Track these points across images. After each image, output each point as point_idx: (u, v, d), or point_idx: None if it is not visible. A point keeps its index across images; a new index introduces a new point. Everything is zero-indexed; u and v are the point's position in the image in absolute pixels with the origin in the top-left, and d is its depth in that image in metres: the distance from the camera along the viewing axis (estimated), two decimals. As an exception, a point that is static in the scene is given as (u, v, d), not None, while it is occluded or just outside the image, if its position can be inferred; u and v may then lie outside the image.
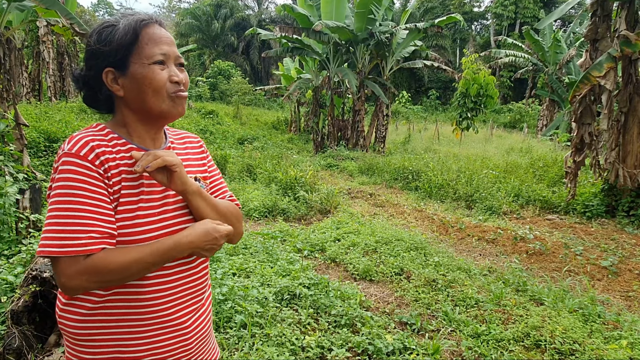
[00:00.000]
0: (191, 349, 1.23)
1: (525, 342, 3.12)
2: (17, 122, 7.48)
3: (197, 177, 1.25)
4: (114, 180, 1.07)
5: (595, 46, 6.92)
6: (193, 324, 1.22)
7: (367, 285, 4.27)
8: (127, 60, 1.10)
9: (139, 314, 1.12)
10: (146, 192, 1.12)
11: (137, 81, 1.10)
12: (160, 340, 1.15)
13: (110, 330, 1.11)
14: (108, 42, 1.09)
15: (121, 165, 1.09)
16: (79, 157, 1.03)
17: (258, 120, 22.13)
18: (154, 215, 1.12)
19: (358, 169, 11.68)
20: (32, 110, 12.60)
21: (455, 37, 38.80)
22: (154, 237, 1.10)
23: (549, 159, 10.79)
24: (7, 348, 2.53)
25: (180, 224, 1.16)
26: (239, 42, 38.74)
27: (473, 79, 13.98)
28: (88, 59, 1.13)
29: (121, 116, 1.16)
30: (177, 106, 1.15)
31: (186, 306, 1.20)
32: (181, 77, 1.15)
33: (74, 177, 1.02)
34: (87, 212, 1.01)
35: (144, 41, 1.11)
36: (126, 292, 1.10)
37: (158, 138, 1.20)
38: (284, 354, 2.75)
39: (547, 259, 5.16)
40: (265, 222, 6.57)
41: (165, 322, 1.15)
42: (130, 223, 1.08)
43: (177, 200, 1.18)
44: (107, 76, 1.11)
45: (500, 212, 7.43)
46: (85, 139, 1.06)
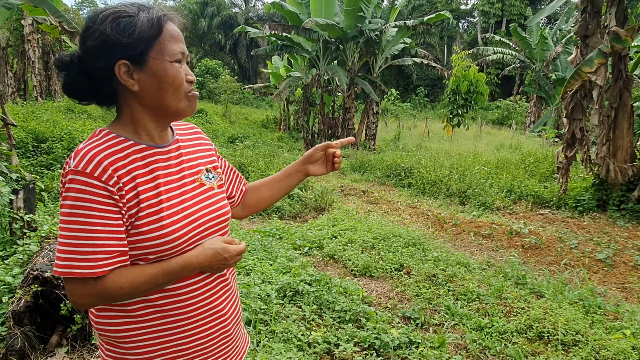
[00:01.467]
0: (230, 336, 1.24)
1: (529, 334, 3.15)
2: (5, 122, 7.34)
3: (208, 167, 1.25)
4: (127, 189, 1.03)
5: (586, 42, 7.00)
6: (229, 310, 1.23)
7: (368, 281, 4.27)
8: (146, 55, 1.04)
9: (179, 308, 1.11)
10: (164, 191, 1.09)
11: (157, 77, 1.05)
12: (204, 331, 1.15)
13: (151, 329, 1.10)
14: (129, 33, 1.01)
15: (133, 170, 1.05)
16: (85, 174, 0.98)
17: (247, 119, 22.04)
18: (176, 206, 1.10)
19: (350, 167, 11.69)
20: (18, 110, 12.38)
21: (443, 35, 39.05)
22: (182, 230, 1.08)
23: (540, 154, 10.90)
24: (9, 349, 2.48)
25: (201, 210, 1.16)
26: (226, 41, 38.53)
27: (463, 76, 14.08)
28: (96, 47, 1.02)
29: (129, 112, 1.10)
30: (192, 105, 1.14)
31: (221, 294, 1.21)
32: (194, 77, 1.14)
33: (81, 196, 0.98)
34: (95, 233, 0.99)
35: (166, 37, 1.06)
36: (165, 291, 1.09)
37: (165, 134, 1.17)
38: (291, 350, 2.74)
39: (543, 253, 5.21)
40: (261, 220, 6.54)
41: (205, 312, 1.15)
42: (158, 225, 1.05)
43: (194, 188, 1.17)
44: (120, 69, 1.03)
45: (494, 207, 7.50)
46: (91, 153, 1.01)
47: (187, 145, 1.23)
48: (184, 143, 1.22)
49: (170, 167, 1.14)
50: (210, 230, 1.18)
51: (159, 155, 1.12)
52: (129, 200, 1.03)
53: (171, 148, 1.17)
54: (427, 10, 34.95)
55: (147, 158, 1.09)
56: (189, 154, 1.22)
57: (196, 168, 1.21)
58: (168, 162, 1.14)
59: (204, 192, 1.19)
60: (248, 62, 39.58)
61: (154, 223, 1.05)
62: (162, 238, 1.05)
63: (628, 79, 6.85)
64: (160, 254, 1.07)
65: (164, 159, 1.13)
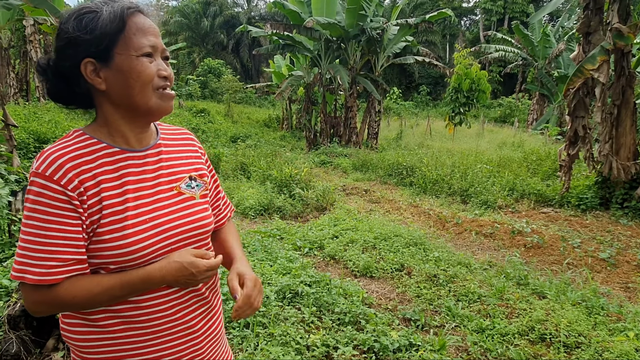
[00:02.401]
0: (202, 353, 1.17)
1: (531, 336, 3.12)
2: (6, 122, 7.34)
3: (192, 175, 1.18)
4: (90, 194, 0.98)
5: (588, 39, 6.94)
6: (202, 327, 1.16)
7: (368, 282, 4.24)
8: (111, 51, 0.99)
9: (145, 321, 1.06)
10: (132, 198, 1.03)
11: (123, 74, 1.00)
12: (171, 347, 1.10)
13: (116, 340, 1.05)
14: (90, 29, 0.97)
15: (100, 175, 1.00)
16: (44, 177, 0.95)
17: (250, 118, 22.03)
18: (144, 214, 1.03)
19: (352, 166, 11.65)
20: (20, 110, 12.40)
21: (445, 33, 38.89)
22: (147, 241, 1.02)
23: (542, 152, 10.84)
24: (4, 354, 2.46)
25: (175, 220, 1.08)
26: (228, 40, 38.52)
27: (465, 74, 14.01)
28: (63, 47, 0.99)
29: (102, 113, 1.06)
30: (164, 103, 1.06)
31: (193, 310, 1.14)
32: (169, 71, 1.06)
33: (39, 199, 0.95)
34: (50, 239, 0.95)
35: (132, 31, 1.00)
36: (130, 301, 1.04)
37: (144, 137, 1.11)
38: (289, 354, 2.71)
39: (546, 252, 5.17)
40: (262, 220, 6.52)
41: (173, 328, 1.09)
42: (121, 234, 0.99)
43: (170, 196, 1.10)
44: (86, 67, 0.99)
45: (496, 206, 7.45)
46: (54, 155, 0.97)
47: (171, 151, 1.17)
48: (167, 148, 1.16)
49: (145, 173, 1.08)
50: (184, 242, 1.11)
51: (133, 160, 1.07)
52: (91, 206, 0.99)
53: (149, 153, 1.11)
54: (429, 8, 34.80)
55: (117, 162, 1.04)
56: (172, 159, 1.15)
57: (177, 175, 1.15)
58: (143, 167, 1.08)
59: (182, 202, 1.12)
60: (250, 61, 39.57)
61: (117, 232, 1.00)
62: (124, 248, 0.99)
63: (631, 76, 6.79)
64: (121, 265, 1.01)
65: (138, 164, 1.08)
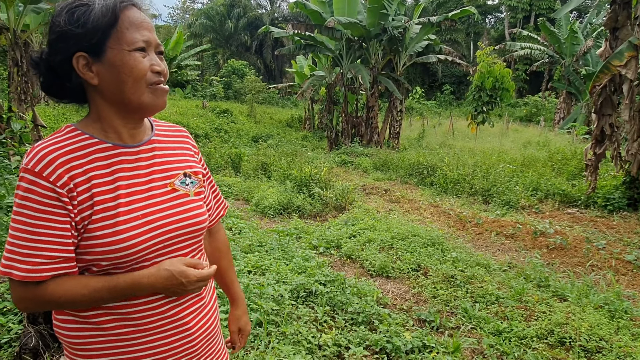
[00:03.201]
0: (196, 351, 1.16)
1: (549, 340, 3.03)
2: (35, 123, 7.58)
3: (187, 172, 1.17)
4: (80, 190, 0.97)
5: (615, 35, 6.72)
6: (196, 325, 1.15)
7: (384, 282, 4.20)
8: (104, 45, 0.98)
9: (138, 319, 1.05)
10: (124, 194, 1.02)
11: (115, 69, 0.98)
12: (164, 344, 1.09)
13: (108, 338, 1.05)
14: (82, 23, 0.96)
15: (91, 170, 1.00)
16: (33, 173, 0.94)
17: (272, 119, 22.15)
18: (137, 210, 1.03)
19: (372, 165, 11.59)
20: (49, 112, 12.78)
21: (469, 31, 38.32)
22: (140, 237, 1.01)
23: (568, 152, 10.56)
24: (23, 347, 2.53)
25: (168, 217, 1.07)
26: (252, 41, 38.86)
27: (488, 72, 13.76)
28: (55, 41, 0.99)
29: (95, 108, 1.05)
30: (157, 99, 1.05)
31: (187, 307, 1.13)
32: (163, 67, 1.05)
33: (27, 195, 0.94)
34: (38, 235, 0.94)
35: (124, 25, 0.99)
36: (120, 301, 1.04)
37: (138, 133, 1.10)
38: (300, 353, 2.70)
39: (569, 254, 5.03)
40: (281, 219, 6.54)
41: (165, 325, 1.09)
42: (113, 230, 0.99)
43: (164, 192, 1.09)
44: (78, 62, 0.98)
45: (519, 206, 7.29)
46: (43, 152, 0.96)
47: (166, 147, 1.16)
48: (161, 144, 1.15)
49: (138, 169, 1.07)
50: (177, 239, 1.10)
51: (125, 156, 1.06)
52: (82, 202, 0.98)
53: (142, 149, 1.10)
54: (452, 6, 34.33)
55: (110, 158, 1.04)
56: (166, 156, 1.14)
57: (171, 172, 1.13)
58: (136, 163, 1.07)
59: (176, 199, 1.11)
60: (273, 62, 39.80)
61: (109, 228, 0.99)
62: (116, 244, 0.98)
63: (661, 73, 6.54)
64: (114, 261, 1.00)
65: (131, 159, 1.07)
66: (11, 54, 7.46)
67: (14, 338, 2.65)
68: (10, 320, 2.74)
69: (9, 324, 2.71)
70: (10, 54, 7.46)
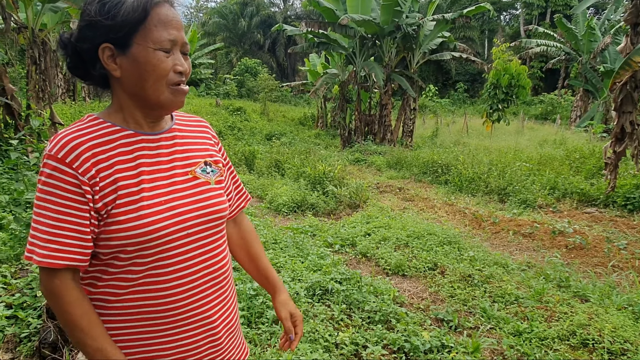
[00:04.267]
0: (220, 345, 1.16)
1: (571, 341, 2.96)
2: (52, 120, 7.67)
3: (207, 160, 1.17)
4: (102, 175, 0.98)
5: (636, 30, 6.58)
6: (220, 318, 1.15)
7: (400, 281, 4.16)
8: (130, 40, 0.98)
9: (164, 311, 1.05)
10: (147, 180, 1.02)
11: (138, 65, 0.99)
12: (188, 337, 1.09)
13: (133, 330, 1.05)
14: (112, 15, 0.96)
15: (115, 157, 1.00)
16: (57, 160, 0.95)
17: (285, 117, 22.18)
18: (160, 196, 1.03)
19: (386, 164, 11.53)
20: (67, 109, 12.94)
21: (484, 28, 37.92)
22: (163, 222, 1.01)
23: (586, 150, 10.38)
24: (42, 342, 2.54)
25: (190, 204, 1.07)
26: (265, 40, 38.93)
27: (504, 69, 13.58)
28: (83, 28, 1.00)
29: (117, 98, 1.06)
30: (175, 99, 1.05)
31: (211, 299, 1.13)
32: (186, 67, 1.04)
33: (50, 182, 0.95)
34: (57, 221, 0.95)
35: (153, 22, 0.99)
36: (147, 290, 1.03)
37: (157, 124, 1.10)
38: (317, 351, 2.68)
39: (589, 254, 4.93)
40: (295, 216, 6.53)
41: (191, 317, 1.08)
42: (136, 215, 0.99)
43: (185, 180, 1.09)
44: (103, 52, 0.99)
45: (535, 205, 7.18)
46: (67, 138, 0.97)
47: (186, 136, 1.16)
48: (182, 133, 1.15)
49: (160, 156, 1.07)
50: (199, 227, 1.09)
51: (146, 143, 1.06)
52: (103, 188, 0.98)
53: (163, 136, 1.10)
54: (467, 3, 33.97)
55: (133, 144, 1.04)
56: (186, 144, 1.14)
57: (192, 160, 1.13)
58: (157, 150, 1.07)
59: (197, 186, 1.11)
60: (286, 60, 39.84)
61: (132, 212, 0.99)
62: (139, 228, 0.98)
63: (685, 69, 6.38)
64: (138, 246, 1.00)
65: (152, 147, 1.07)
66: (29, 52, 7.55)
67: (33, 332, 2.67)
68: (30, 315, 2.76)
69: (28, 319, 2.73)
70: (29, 52, 7.56)
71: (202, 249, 1.10)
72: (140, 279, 1.03)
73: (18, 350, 2.59)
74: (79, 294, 1.00)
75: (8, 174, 6.34)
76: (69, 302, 0.98)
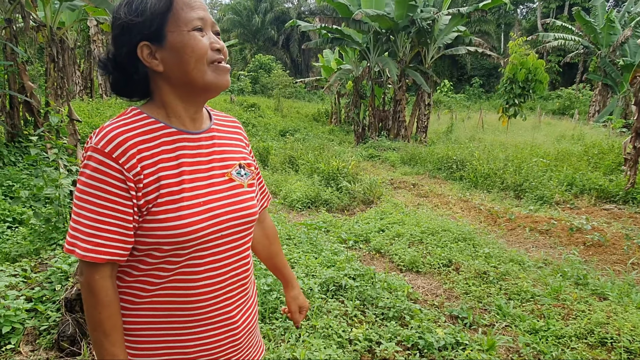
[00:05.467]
0: (240, 344, 1.18)
1: (589, 340, 2.92)
2: (70, 117, 7.79)
3: (242, 163, 1.17)
4: (147, 172, 0.98)
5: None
6: (241, 318, 1.16)
7: (414, 277, 4.14)
8: (163, 30, 0.99)
9: (190, 309, 1.06)
10: (188, 180, 1.03)
11: (177, 51, 0.99)
12: (211, 336, 1.10)
13: (158, 326, 1.06)
14: (140, 12, 0.98)
15: (159, 154, 1.01)
16: (103, 153, 0.95)
17: (299, 113, 22.18)
18: (199, 197, 1.03)
19: (400, 160, 11.47)
20: (84, 106, 13.12)
21: (500, 22, 37.40)
22: (201, 224, 1.02)
23: (605, 145, 10.19)
24: (61, 335, 2.59)
25: (226, 206, 1.08)
26: (279, 36, 38.96)
27: (521, 64, 13.36)
28: (118, 35, 1.01)
29: (159, 96, 1.06)
30: (220, 76, 1.04)
31: (235, 301, 1.14)
32: (222, 44, 1.05)
33: (96, 175, 0.95)
34: (101, 216, 0.96)
35: (179, 6, 1.00)
36: (177, 287, 1.05)
37: (198, 118, 1.10)
38: (331, 347, 2.68)
39: (607, 251, 4.84)
40: (308, 212, 6.53)
41: (214, 317, 1.10)
42: (177, 215, 0.99)
43: (222, 182, 1.10)
44: (142, 51, 1.00)
45: (552, 201, 7.07)
46: (114, 132, 0.97)
47: (223, 137, 1.17)
48: (219, 134, 1.16)
49: (200, 156, 1.08)
50: (232, 229, 1.10)
51: (188, 142, 1.07)
52: (147, 185, 0.98)
53: (203, 136, 1.10)
54: (483, -4, 33.53)
55: (175, 143, 1.04)
56: (223, 145, 1.15)
57: (228, 162, 1.14)
58: (197, 150, 1.08)
59: (233, 188, 1.12)
60: (300, 56, 39.83)
61: (172, 212, 0.99)
62: (179, 229, 0.99)
63: None
64: (175, 245, 1.01)
65: (193, 146, 1.07)
66: (48, 50, 7.66)
67: (52, 325, 2.72)
68: (49, 308, 2.81)
69: (47, 312, 2.78)
70: (47, 50, 7.67)
71: (232, 251, 1.12)
72: (170, 277, 1.04)
73: (38, 342, 2.65)
74: (113, 295, 1.01)
75: (28, 170, 6.48)
76: (103, 302, 0.99)
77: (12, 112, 7.60)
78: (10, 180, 5.80)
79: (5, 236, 4.26)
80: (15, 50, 7.14)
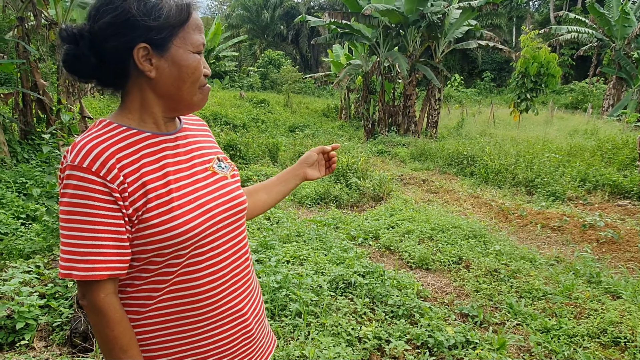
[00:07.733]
0: (252, 336, 1.18)
1: (602, 339, 2.89)
2: (82, 115, 7.86)
3: (219, 157, 1.19)
4: (130, 180, 0.96)
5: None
6: (249, 309, 1.17)
7: (424, 274, 4.12)
8: (169, 42, 0.98)
9: (199, 308, 1.06)
10: (174, 180, 1.02)
11: (177, 66, 0.99)
12: (223, 332, 1.10)
13: (170, 331, 1.06)
14: (155, 16, 0.95)
15: (140, 160, 0.99)
16: (82, 169, 0.91)
17: (308, 108, 22.15)
18: (187, 195, 1.03)
19: (410, 155, 11.41)
20: (95, 104, 13.24)
21: (512, 15, 36.92)
22: (196, 221, 1.01)
23: (619, 140, 10.03)
24: (73, 331, 2.62)
25: (215, 199, 1.08)
26: (288, 31, 38.92)
27: (533, 57, 13.19)
28: (118, 25, 0.94)
29: (139, 99, 1.03)
30: (204, 100, 1.09)
31: (241, 292, 1.15)
32: (209, 69, 1.09)
33: (79, 193, 0.92)
34: (94, 233, 0.93)
35: (192, 26, 1.01)
36: (181, 289, 1.04)
37: (172, 123, 1.11)
38: (340, 345, 2.68)
39: (621, 248, 4.78)
40: (318, 209, 6.53)
41: (223, 312, 1.10)
42: (169, 216, 0.98)
43: (206, 176, 1.11)
44: (139, 52, 0.96)
45: (565, 197, 6.99)
46: (88, 146, 0.93)
47: (196, 134, 1.18)
48: (192, 132, 1.17)
49: (179, 155, 1.08)
50: (226, 221, 1.11)
51: (167, 144, 1.06)
52: (133, 192, 0.96)
53: (179, 136, 1.10)
54: (494, -11, 33.10)
55: (155, 146, 1.04)
56: (198, 142, 1.16)
57: (207, 157, 1.15)
58: (176, 149, 1.08)
59: (218, 181, 1.13)
60: (310, 51, 39.77)
61: (165, 214, 0.98)
62: (174, 229, 0.98)
63: None
64: (175, 247, 1.00)
65: (172, 146, 1.07)
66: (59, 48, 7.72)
67: (65, 322, 2.75)
68: (62, 305, 2.85)
69: (60, 308, 2.82)
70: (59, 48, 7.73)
71: (230, 243, 1.12)
72: (173, 279, 1.03)
73: (51, 338, 2.69)
74: (121, 311, 0.99)
75: (41, 167, 6.55)
76: (114, 319, 0.97)
77: (25, 110, 7.68)
78: (23, 177, 5.87)
79: (18, 233, 4.31)
80: (28, 48, 7.21)
